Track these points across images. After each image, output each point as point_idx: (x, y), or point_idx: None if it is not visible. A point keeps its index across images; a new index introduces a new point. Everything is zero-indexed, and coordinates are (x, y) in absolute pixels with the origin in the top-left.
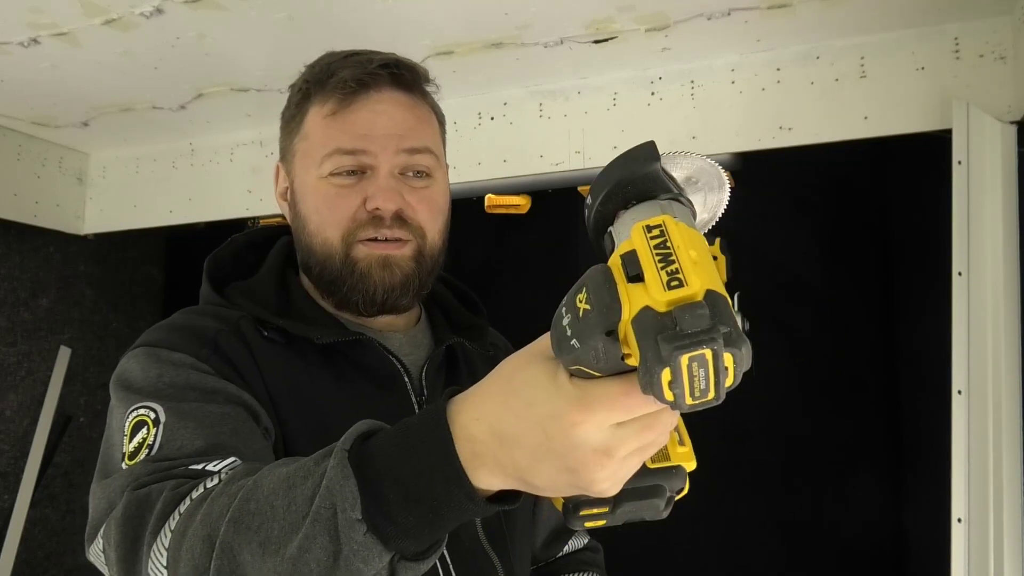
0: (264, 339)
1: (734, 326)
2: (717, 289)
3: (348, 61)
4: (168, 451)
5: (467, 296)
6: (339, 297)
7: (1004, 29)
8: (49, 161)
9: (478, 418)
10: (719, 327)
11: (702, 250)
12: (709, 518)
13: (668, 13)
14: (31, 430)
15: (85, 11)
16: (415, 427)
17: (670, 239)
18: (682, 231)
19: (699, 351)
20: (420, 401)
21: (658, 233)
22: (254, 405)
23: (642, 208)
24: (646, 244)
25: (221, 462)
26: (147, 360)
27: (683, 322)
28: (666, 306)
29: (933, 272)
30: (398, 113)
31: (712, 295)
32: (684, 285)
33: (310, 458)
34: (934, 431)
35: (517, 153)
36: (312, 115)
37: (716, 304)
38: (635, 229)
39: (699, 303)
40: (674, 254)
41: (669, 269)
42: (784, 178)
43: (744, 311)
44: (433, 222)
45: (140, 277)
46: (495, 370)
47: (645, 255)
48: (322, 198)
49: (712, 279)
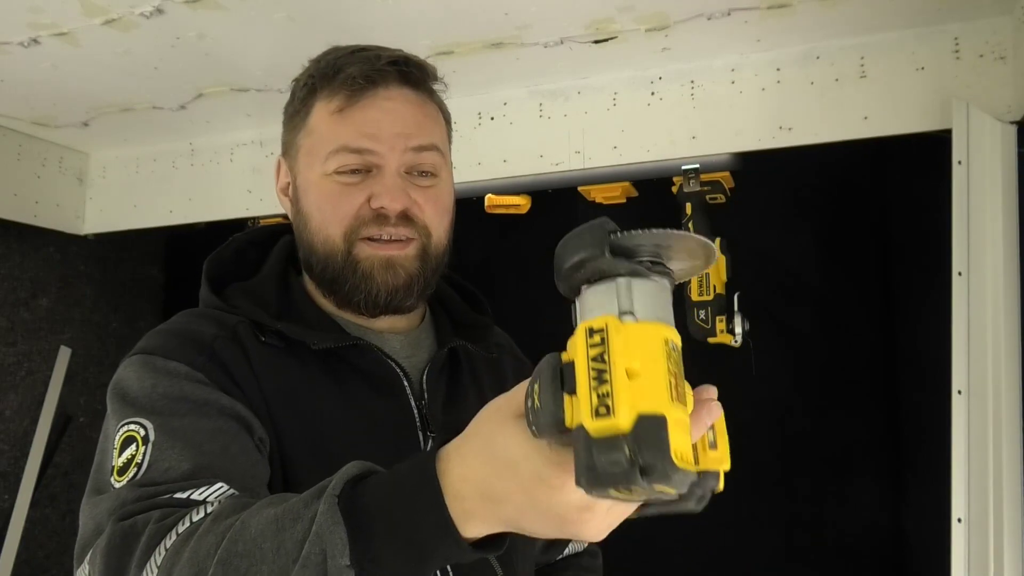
0: (262, 344)
1: (660, 456)
2: (653, 409)
3: (356, 57)
4: (155, 474)
5: (472, 295)
6: (340, 296)
7: (1004, 29)
8: (49, 161)
9: (465, 478)
10: (635, 468)
11: (648, 353)
12: (708, 518)
13: (668, 13)
14: (31, 430)
15: (85, 11)
16: (405, 478)
17: (608, 351)
18: (626, 337)
19: (614, 491)
20: (420, 405)
21: (598, 340)
22: (247, 416)
23: (597, 292)
24: (585, 355)
25: (208, 489)
26: (142, 369)
27: (600, 462)
28: (594, 433)
29: (933, 272)
30: (406, 111)
31: (643, 420)
32: (611, 415)
33: (298, 499)
34: (934, 431)
35: (517, 153)
36: (318, 111)
37: (644, 432)
38: (578, 332)
39: (621, 439)
40: (608, 372)
41: (601, 391)
42: (784, 178)
43: (744, 311)
44: (439, 221)
45: (140, 277)
46: (475, 426)
47: (581, 370)
48: (326, 195)
49: (649, 394)
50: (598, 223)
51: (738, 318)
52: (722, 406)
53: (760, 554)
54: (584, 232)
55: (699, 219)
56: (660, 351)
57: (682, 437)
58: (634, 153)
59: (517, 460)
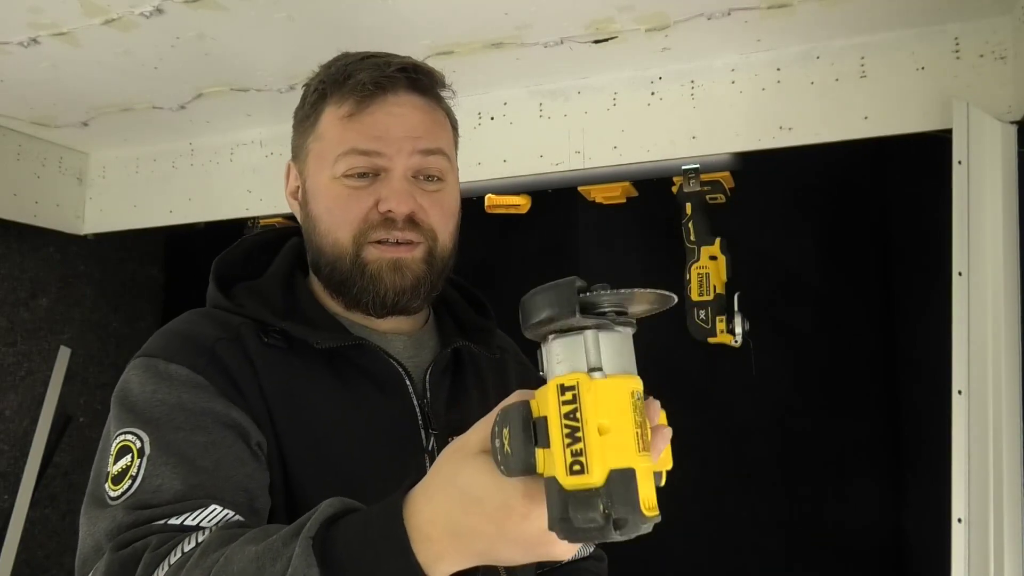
0: (265, 345)
1: (631, 509)
2: (623, 463)
3: (365, 63)
4: (147, 492)
5: (476, 298)
6: (349, 298)
7: (1004, 29)
8: (49, 161)
9: (433, 520)
10: (610, 522)
11: (617, 408)
12: (708, 518)
13: (668, 13)
14: (31, 430)
15: (85, 11)
16: (375, 522)
17: (580, 408)
18: (596, 395)
19: (581, 539)
20: (422, 404)
21: (570, 398)
22: (244, 423)
23: (564, 343)
24: (557, 411)
25: (201, 512)
26: (145, 374)
27: (575, 517)
28: (568, 487)
29: (933, 272)
30: (414, 116)
31: (615, 476)
32: (584, 472)
33: (278, 536)
34: (934, 431)
35: (517, 153)
36: (328, 115)
37: (615, 487)
38: (550, 388)
39: (595, 493)
40: (581, 429)
41: (574, 448)
42: (784, 178)
43: (744, 311)
44: (445, 225)
45: (140, 277)
46: (438, 466)
47: (555, 427)
48: (334, 199)
49: (620, 449)
50: (566, 283)
51: (738, 318)
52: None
53: (760, 554)
54: (552, 290)
55: (699, 219)
56: (628, 405)
57: (648, 485)
58: (634, 153)
59: (482, 495)
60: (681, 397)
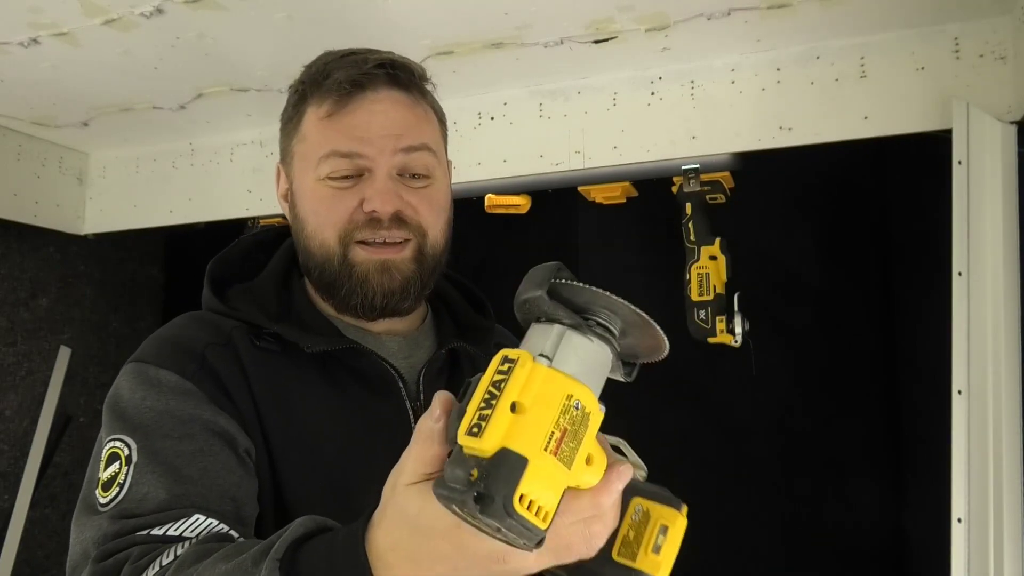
0: (257, 348)
1: (502, 492)
2: (519, 449)
3: (344, 61)
4: (133, 501)
5: (476, 297)
6: (338, 300)
7: (1004, 29)
8: (49, 161)
9: (393, 547)
10: (472, 490)
11: (543, 398)
12: (709, 518)
13: (668, 13)
14: (31, 430)
15: (85, 11)
16: (339, 548)
17: (508, 380)
18: (530, 375)
19: (457, 509)
20: (415, 406)
21: (505, 369)
22: (231, 431)
23: (538, 330)
24: (488, 378)
25: (184, 522)
26: (135, 380)
27: (446, 470)
28: (460, 444)
29: (933, 272)
30: (395, 112)
31: (504, 455)
32: (478, 435)
33: (248, 555)
34: (934, 431)
35: (517, 153)
36: (309, 116)
37: (499, 465)
38: (498, 356)
39: (473, 460)
40: (497, 399)
41: (483, 413)
42: (784, 178)
43: (744, 311)
44: (434, 220)
45: (140, 277)
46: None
47: (480, 388)
48: (319, 200)
49: (524, 435)
50: (550, 264)
51: (738, 318)
52: (717, 405)
53: (760, 554)
54: (537, 271)
55: (699, 219)
56: (557, 402)
57: (545, 492)
58: (634, 153)
59: (432, 522)
60: (681, 397)
